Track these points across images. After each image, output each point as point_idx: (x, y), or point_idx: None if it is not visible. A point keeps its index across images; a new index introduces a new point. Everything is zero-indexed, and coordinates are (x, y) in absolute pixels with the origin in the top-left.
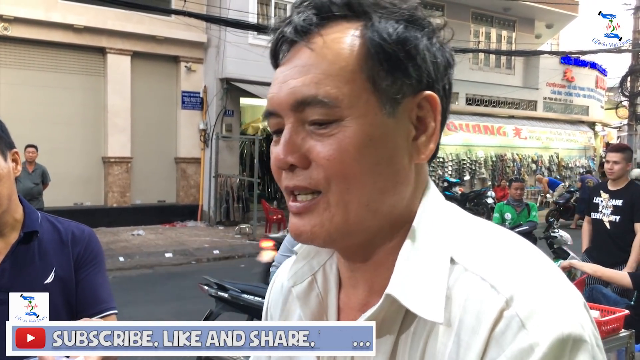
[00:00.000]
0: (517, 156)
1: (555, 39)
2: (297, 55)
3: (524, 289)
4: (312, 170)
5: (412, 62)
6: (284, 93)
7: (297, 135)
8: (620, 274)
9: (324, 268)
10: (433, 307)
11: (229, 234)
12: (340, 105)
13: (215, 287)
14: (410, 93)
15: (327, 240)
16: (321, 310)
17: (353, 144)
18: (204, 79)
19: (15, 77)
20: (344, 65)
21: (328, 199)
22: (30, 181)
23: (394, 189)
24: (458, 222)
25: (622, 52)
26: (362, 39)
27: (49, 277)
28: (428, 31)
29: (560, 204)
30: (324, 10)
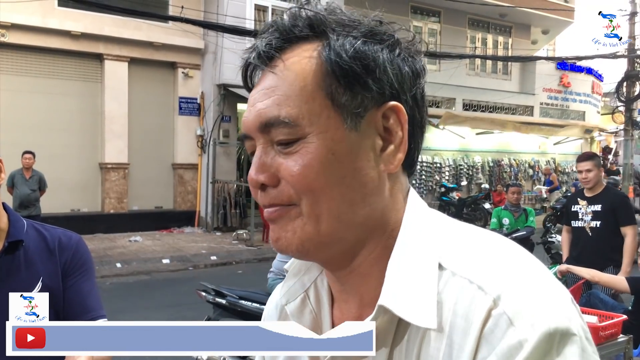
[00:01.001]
0: (514, 161)
1: (552, 45)
2: (263, 79)
3: (511, 288)
4: (282, 187)
5: (371, 75)
6: (252, 116)
7: (267, 155)
8: (617, 278)
9: (315, 284)
10: (425, 314)
11: (227, 240)
12: (301, 124)
13: (212, 293)
14: (373, 105)
15: (300, 248)
16: (315, 327)
17: (317, 159)
18: (201, 85)
19: (12, 83)
20: (303, 85)
21: (300, 210)
22: (27, 187)
23: (363, 200)
24: (443, 228)
25: (618, 57)
26: (320, 58)
27: (36, 287)
28: (390, 43)
29: (557, 209)
30: (286, 33)
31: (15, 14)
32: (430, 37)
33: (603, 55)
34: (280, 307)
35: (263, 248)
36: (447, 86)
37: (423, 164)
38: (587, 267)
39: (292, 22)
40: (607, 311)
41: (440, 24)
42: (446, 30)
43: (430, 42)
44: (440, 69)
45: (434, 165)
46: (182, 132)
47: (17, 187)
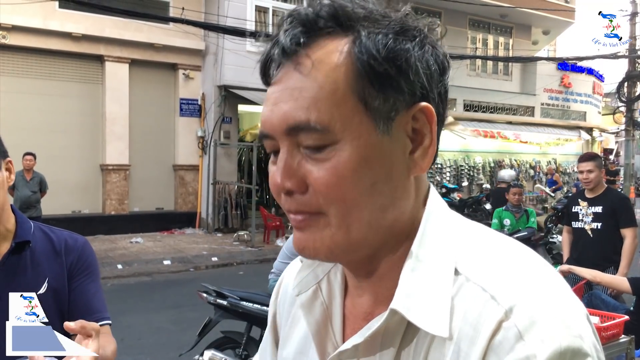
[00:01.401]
0: (515, 162)
1: (552, 45)
2: (287, 76)
3: (524, 300)
4: (310, 195)
5: (404, 77)
6: (276, 117)
7: (293, 159)
8: (619, 279)
9: (328, 276)
10: (438, 321)
11: (228, 241)
12: (333, 130)
13: (214, 294)
14: (404, 107)
15: (328, 256)
16: (325, 319)
17: (349, 168)
18: (202, 86)
19: (13, 85)
20: (334, 88)
21: (329, 220)
22: (28, 189)
23: (393, 205)
24: (461, 231)
25: (619, 58)
26: (350, 58)
27: (42, 287)
28: (420, 39)
29: (559, 210)
30: (310, 26)
31: (16, 16)
32: None
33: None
34: (292, 296)
35: (264, 249)
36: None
37: None
38: (587, 268)
39: (315, 13)
40: (608, 312)
41: (441, 24)
42: (447, 30)
43: None
44: None
45: (434, 166)
46: (183, 133)
47: (17, 189)
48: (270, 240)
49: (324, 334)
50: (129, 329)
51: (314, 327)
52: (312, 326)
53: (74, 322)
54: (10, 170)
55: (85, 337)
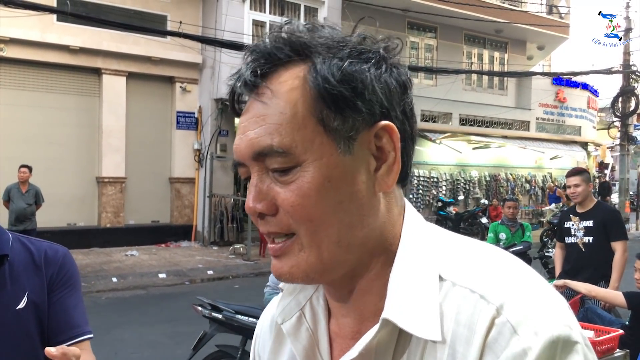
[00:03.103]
0: (511, 176)
1: (547, 60)
2: (252, 106)
3: (513, 297)
4: (280, 216)
5: (360, 97)
6: (244, 144)
7: (263, 183)
8: (614, 293)
9: (310, 301)
10: (429, 326)
11: (223, 254)
12: (295, 152)
13: (209, 308)
14: (365, 127)
15: (305, 279)
16: (312, 344)
17: (313, 188)
18: (198, 99)
19: (11, 97)
20: (294, 112)
21: (301, 241)
22: (23, 201)
23: (361, 222)
24: (441, 241)
25: (613, 73)
26: (307, 83)
27: (21, 302)
28: (376, 60)
29: (554, 224)
30: (269, 58)
31: (14, 29)
32: (427, 52)
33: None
34: (276, 326)
35: (260, 262)
36: (444, 101)
37: (420, 179)
38: (580, 282)
39: (274, 45)
40: (604, 326)
41: (436, 39)
42: (442, 45)
43: (426, 58)
44: (437, 84)
45: (430, 180)
46: (180, 146)
47: (13, 201)
48: (266, 253)
49: (312, 359)
50: (123, 342)
51: (301, 353)
52: (300, 352)
53: (55, 347)
54: None
55: None
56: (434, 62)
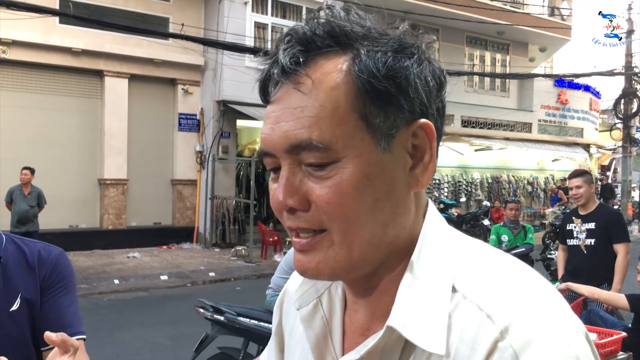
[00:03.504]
0: (513, 178)
1: (549, 62)
2: (287, 95)
3: (520, 320)
4: (313, 213)
5: (403, 94)
6: (278, 136)
7: (295, 177)
8: (617, 295)
9: (329, 290)
10: (434, 338)
11: (225, 256)
12: (335, 148)
13: (211, 310)
14: (404, 124)
15: (331, 276)
16: (325, 333)
17: (351, 185)
18: (200, 101)
19: (13, 99)
20: (336, 106)
21: (332, 238)
22: (25, 203)
23: (394, 221)
24: (459, 247)
25: (615, 75)
26: (351, 76)
27: (15, 304)
28: (418, 56)
29: (556, 226)
30: (308, 45)
31: (17, 31)
32: None
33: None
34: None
35: (262, 264)
36: (446, 103)
37: None
38: (582, 284)
39: (313, 32)
40: (606, 328)
41: (438, 41)
42: (444, 47)
43: None
44: None
45: (432, 182)
46: (182, 148)
47: (15, 203)
48: (268, 255)
49: (324, 347)
50: (125, 344)
51: (313, 341)
52: (312, 340)
53: (55, 333)
54: None
55: (62, 353)
56: None
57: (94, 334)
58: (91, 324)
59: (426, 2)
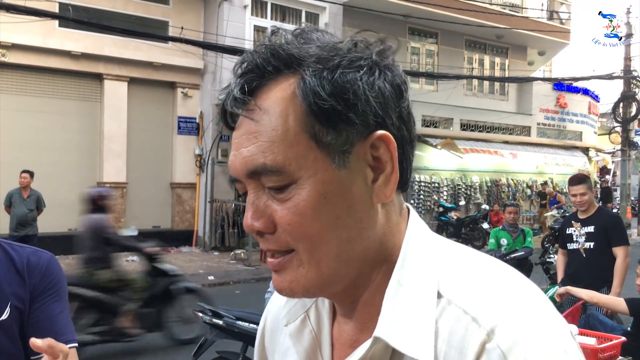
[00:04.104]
0: (512, 181)
1: (548, 66)
2: (244, 122)
3: (505, 321)
4: (279, 234)
5: (353, 110)
6: (239, 162)
7: (260, 200)
8: (616, 299)
9: (316, 304)
10: (422, 346)
11: (224, 259)
12: (289, 170)
13: (209, 314)
14: (359, 138)
15: (305, 293)
16: (314, 347)
17: (309, 206)
18: (200, 105)
19: (13, 102)
20: (285, 129)
21: (300, 257)
22: (24, 207)
23: (360, 235)
24: (443, 253)
25: (614, 78)
26: (297, 98)
27: (4, 313)
28: (368, 67)
29: (556, 230)
30: (259, 71)
31: (17, 34)
32: (428, 58)
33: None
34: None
35: (261, 268)
36: (445, 106)
37: (421, 184)
38: (581, 287)
39: (263, 58)
40: (606, 333)
41: (437, 45)
42: (443, 51)
43: (427, 63)
44: (438, 89)
45: (432, 185)
46: (181, 151)
47: (14, 207)
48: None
49: None
50: (123, 348)
51: (303, 355)
52: (301, 354)
53: (42, 339)
54: None
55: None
56: (435, 68)
57: None
58: None
59: (425, 5)
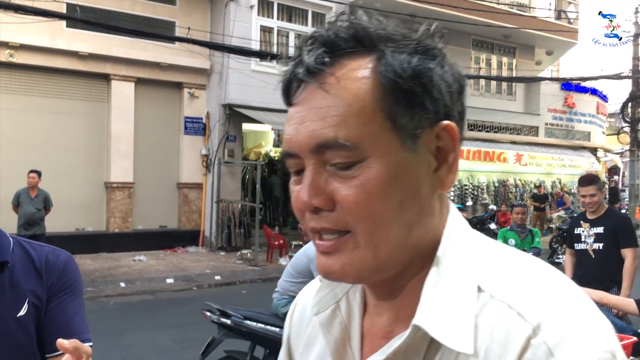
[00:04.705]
0: (520, 182)
1: (556, 66)
2: (312, 96)
3: (552, 317)
4: (338, 213)
5: (428, 95)
6: (303, 135)
7: (320, 176)
8: (626, 300)
9: (347, 295)
10: (461, 337)
11: (231, 259)
12: (362, 147)
13: (217, 313)
14: (429, 125)
15: (357, 278)
16: (344, 338)
17: (378, 185)
18: (206, 105)
19: (20, 103)
20: (362, 105)
21: (356, 239)
22: (32, 206)
23: (419, 222)
24: (483, 249)
25: (622, 78)
26: (376, 76)
27: (22, 309)
28: (440, 59)
29: (564, 230)
30: (332, 47)
31: (24, 35)
32: None
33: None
34: (309, 316)
35: (267, 268)
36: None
37: None
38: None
39: (336, 34)
40: (617, 333)
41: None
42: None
43: None
44: None
45: None
46: (187, 151)
47: (22, 206)
48: (273, 259)
49: (343, 353)
50: (131, 347)
51: (332, 346)
52: (331, 345)
53: (68, 340)
54: None
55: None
56: None
57: (100, 337)
58: (97, 327)
59: (432, 5)
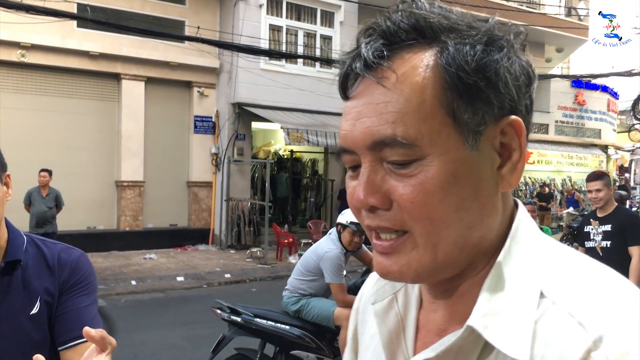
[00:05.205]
0: (530, 180)
1: (566, 63)
2: (369, 90)
3: (615, 329)
4: (395, 212)
5: (493, 89)
6: (359, 132)
7: (376, 174)
8: None
9: (406, 287)
10: (518, 343)
11: (241, 257)
12: (420, 145)
13: (228, 311)
14: (493, 121)
15: (415, 279)
16: (398, 329)
17: (437, 185)
18: (216, 104)
19: (32, 102)
20: (421, 101)
21: (415, 240)
22: (44, 205)
23: (481, 222)
24: (549, 252)
25: (633, 75)
26: (438, 70)
27: (35, 307)
28: (507, 50)
29: (574, 228)
30: (392, 38)
31: (35, 35)
32: None
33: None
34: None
35: (277, 266)
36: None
37: None
38: None
39: (396, 25)
40: None
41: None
42: None
43: None
44: None
45: None
46: (197, 150)
47: (33, 205)
48: (283, 257)
49: (396, 345)
50: (142, 345)
51: (386, 337)
52: (385, 336)
53: (95, 329)
54: (7, 185)
55: (99, 351)
56: None
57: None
58: None
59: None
